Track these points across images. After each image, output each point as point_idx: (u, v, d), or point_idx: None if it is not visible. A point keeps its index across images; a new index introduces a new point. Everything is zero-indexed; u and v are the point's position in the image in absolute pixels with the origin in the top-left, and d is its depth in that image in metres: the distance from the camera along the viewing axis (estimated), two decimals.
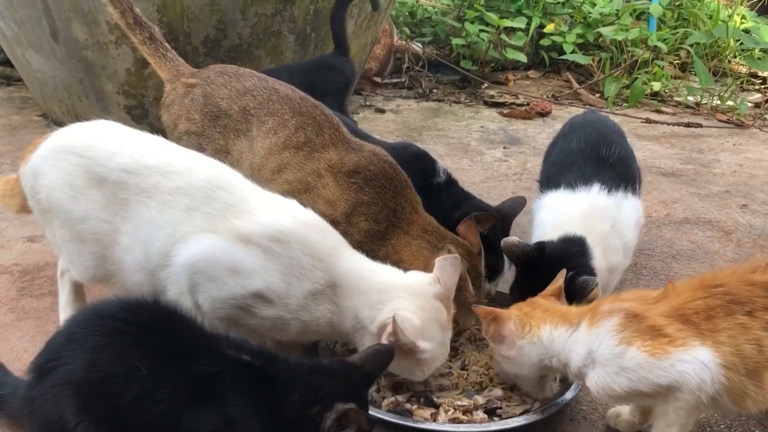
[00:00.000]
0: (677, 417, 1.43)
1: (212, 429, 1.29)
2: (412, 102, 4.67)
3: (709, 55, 5.28)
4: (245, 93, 2.03)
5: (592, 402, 1.78)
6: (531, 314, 1.60)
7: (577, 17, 5.38)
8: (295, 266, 1.58)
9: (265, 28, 3.42)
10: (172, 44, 3.27)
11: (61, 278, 1.96)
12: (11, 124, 3.88)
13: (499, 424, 1.62)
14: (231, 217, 1.61)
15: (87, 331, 1.37)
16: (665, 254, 2.60)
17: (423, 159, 2.24)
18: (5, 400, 1.55)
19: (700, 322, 1.43)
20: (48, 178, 1.73)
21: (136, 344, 1.35)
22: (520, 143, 3.89)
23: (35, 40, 3.45)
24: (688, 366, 1.38)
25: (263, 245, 1.58)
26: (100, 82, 3.45)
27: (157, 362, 1.33)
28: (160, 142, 1.79)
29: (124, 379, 1.31)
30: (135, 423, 1.31)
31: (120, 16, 2.23)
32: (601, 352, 1.46)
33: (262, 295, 1.58)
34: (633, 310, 1.48)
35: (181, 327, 1.40)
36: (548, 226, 2.06)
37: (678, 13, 5.67)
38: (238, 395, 1.31)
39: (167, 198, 1.63)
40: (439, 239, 1.87)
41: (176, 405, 1.30)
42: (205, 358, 1.34)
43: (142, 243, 1.64)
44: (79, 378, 1.32)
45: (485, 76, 5.07)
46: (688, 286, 1.52)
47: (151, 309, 1.41)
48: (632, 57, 4.92)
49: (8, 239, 2.54)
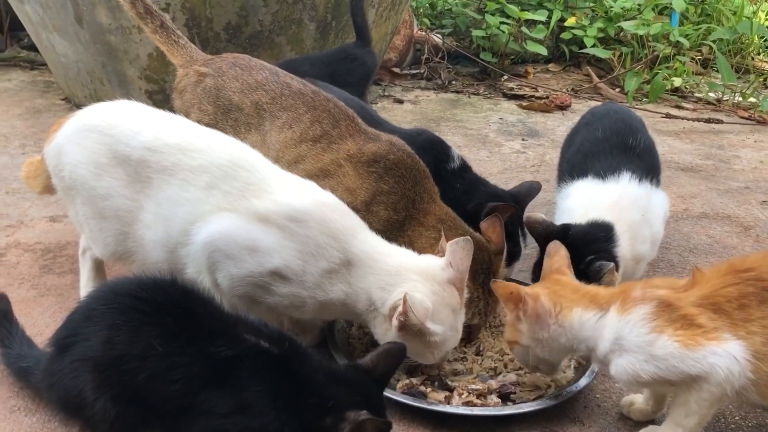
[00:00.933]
0: (698, 407, 1.42)
1: (225, 412, 1.30)
2: (430, 93, 4.67)
3: (732, 51, 5.23)
4: (257, 87, 2.05)
5: (606, 390, 1.78)
6: (560, 293, 1.56)
7: (599, 11, 5.34)
8: (311, 245, 1.60)
9: (287, 15, 3.44)
10: (194, 30, 3.32)
11: (83, 256, 1.99)
12: (35, 107, 3.93)
13: (512, 408, 1.63)
14: (250, 196, 1.63)
15: (105, 309, 1.39)
16: (682, 248, 2.59)
17: (437, 145, 2.24)
18: (29, 371, 1.59)
19: (732, 311, 1.42)
20: (72, 156, 1.77)
21: (153, 323, 1.36)
22: (539, 136, 3.88)
23: (60, 24, 3.49)
24: (719, 359, 1.38)
25: (281, 224, 1.60)
26: (123, 66, 3.49)
27: (173, 342, 1.34)
28: (181, 121, 1.82)
29: (139, 357, 1.33)
30: (150, 401, 1.33)
31: (130, 6, 2.26)
32: (631, 339, 1.45)
33: (279, 273, 1.60)
34: (666, 298, 1.46)
35: (199, 307, 1.41)
36: (577, 212, 2.05)
37: (701, 8, 5.61)
38: (255, 381, 1.32)
39: (188, 176, 1.65)
40: (451, 230, 1.87)
41: (191, 386, 1.32)
42: (222, 341, 1.35)
43: (162, 220, 1.67)
44: (97, 354, 1.35)
45: (505, 68, 5.06)
46: (717, 272, 1.49)
47: (169, 288, 1.43)
48: (653, 52, 4.88)
49: (31, 218, 2.58)
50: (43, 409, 1.64)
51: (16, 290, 2.11)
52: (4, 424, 1.59)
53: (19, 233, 2.47)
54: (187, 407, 1.32)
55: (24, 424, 1.60)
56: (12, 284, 2.15)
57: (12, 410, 1.63)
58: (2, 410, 1.63)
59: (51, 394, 1.45)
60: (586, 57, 5.28)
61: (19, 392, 1.69)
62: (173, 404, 1.33)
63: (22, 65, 4.72)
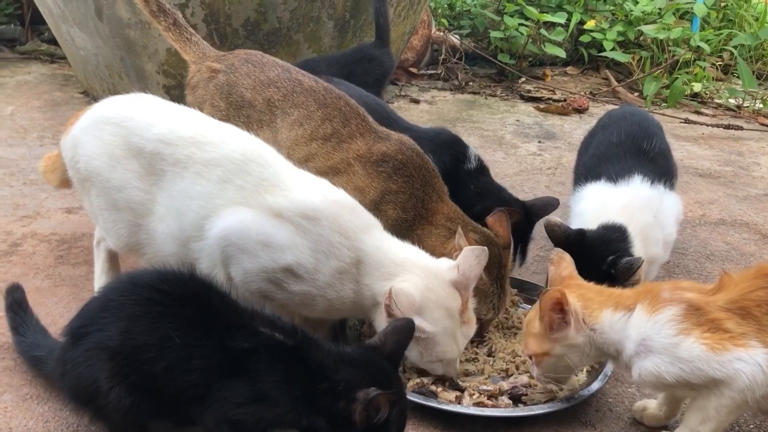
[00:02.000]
0: (717, 414, 1.40)
1: (241, 401, 1.31)
2: (447, 93, 4.65)
3: (754, 57, 5.17)
4: (269, 84, 2.05)
5: (618, 394, 1.76)
6: (587, 296, 1.54)
7: (619, 14, 5.31)
8: (324, 243, 1.60)
9: (305, 12, 3.44)
10: (212, 26, 3.33)
11: (97, 247, 2.00)
12: (53, 100, 3.96)
13: (524, 410, 1.62)
14: (263, 192, 1.63)
15: (123, 299, 1.40)
16: (699, 254, 2.57)
17: (456, 144, 2.23)
18: (43, 360, 1.60)
19: (761, 317, 1.40)
20: (87, 147, 1.78)
21: (172, 315, 1.37)
22: (556, 138, 3.85)
23: (80, 17, 3.51)
24: (744, 365, 1.36)
25: (294, 221, 1.60)
26: (141, 61, 3.51)
27: (191, 333, 1.35)
28: (195, 114, 1.82)
29: (158, 347, 1.34)
30: (165, 391, 1.34)
31: (144, 4, 2.27)
32: (657, 340, 1.43)
33: (291, 270, 1.60)
34: (695, 302, 1.44)
35: (216, 301, 1.42)
36: (589, 216, 2.05)
37: (723, 13, 5.56)
38: (271, 373, 1.32)
39: (201, 169, 1.66)
40: (461, 226, 1.86)
41: (207, 376, 1.33)
42: (239, 333, 1.35)
43: (175, 213, 1.68)
44: (114, 344, 1.35)
45: (522, 70, 5.04)
46: (745, 276, 1.47)
47: (188, 281, 1.43)
48: (673, 57, 4.84)
49: (47, 209, 2.60)
50: (55, 398, 1.65)
51: (31, 280, 2.12)
52: (17, 412, 1.60)
53: (36, 224, 2.49)
54: (203, 397, 1.33)
55: (36, 412, 1.61)
56: (27, 274, 2.16)
57: (24, 398, 1.64)
58: (15, 398, 1.64)
59: (63, 382, 1.46)
60: (604, 60, 5.25)
61: (32, 381, 1.70)
62: (189, 394, 1.34)
63: (42, 58, 4.76)
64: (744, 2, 5.59)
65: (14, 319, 1.70)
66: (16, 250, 2.31)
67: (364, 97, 2.35)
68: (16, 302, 1.72)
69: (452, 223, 1.87)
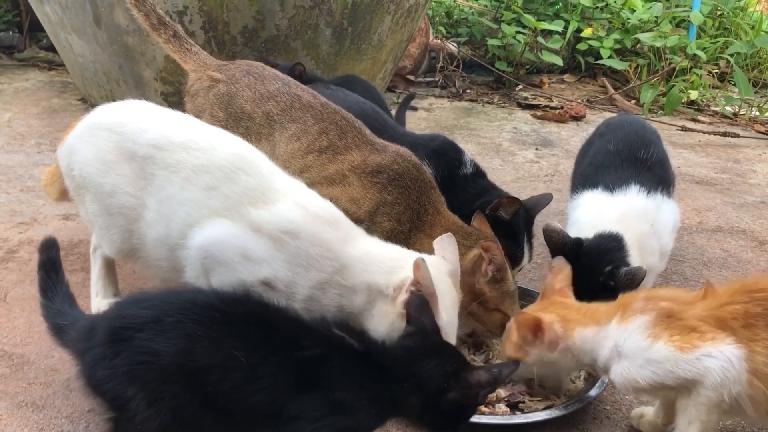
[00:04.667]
0: (698, 413, 1.41)
1: (318, 414, 1.29)
2: (445, 101, 4.67)
3: (750, 65, 5.20)
4: (269, 98, 2.05)
5: (616, 402, 1.76)
6: (568, 317, 1.57)
7: (616, 23, 5.33)
8: (302, 257, 1.60)
9: (303, 20, 3.45)
10: (210, 33, 3.34)
11: (93, 254, 2.00)
12: (51, 107, 3.97)
13: (521, 418, 1.61)
14: (247, 203, 1.63)
15: (183, 317, 1.35)
16: (696, 261, 2.57)
17: (451, 150, 2.24)
18: (65, 330, 1.52)
19: (738, 329, 1.40)
20: (81, 153, 1.79)
21: (235, 335, 1.35)
22: (553, 145, 3.86)
23: (78, 24, 3.52)
24: (714, 361, 1.36)
25: (273, 235, 1.61)
26: (139, 68, 3.52)
27: (256, 352, 1.33)
28: (188, 119, 1.83)
29: (222, 369, 1.31)
30: (231, 413, 1.32)
31: (144, 19, 2.28)
32: (627, 346, 1.45)
33: (269, 283, 1.60)
34: (668, 310, 1.46)
35: (277, 317, 1.41)
36: (585, 224, 2.05)
37: (719, 22, 5.59)
38: (346, 377, 1.32)
39: (190, 175, 1.66)
40: (465, 237, 1.86)
41: (279, 393, 1.31)
42: (306, 342, 1.34)
43: (164, 218, 1.68)
44: (165, 363, 1.31)
45: (520, 78, 5.05)
46: (728, 289, 1.48)
47: (246, 301, 1.42)
48: (670, 64, 4.86)
49: (45, 216, 2.60)
50: (50, 406, 1.65)
51: (28, 287, 2.12)
52: (12, 420, 1.60)
53: (32, 230, 2.48)
54: (276, 415, 1.30)
55: (31, 420, 1.60)
56: (24, 281, 2.16)
57: (19, 406, 1.64)
58: (10, 406, 1.64)
59: (85, 368, 1.39)
60: (601, 68, 5.27)
61: (27, 389, 1.70)
62: (259, 413, 1.31)
63: (40, 65, 4.77)
64: (740, 11, 5.62)
65: (45, 281, 1.59)
66: (12, 257, 2.31)
67: (361, 104, 2.35)
68: (50, 262, 1.61)
69: (456, 236, 1.86)
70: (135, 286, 2.13)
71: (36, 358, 1.83)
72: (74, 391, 1.70)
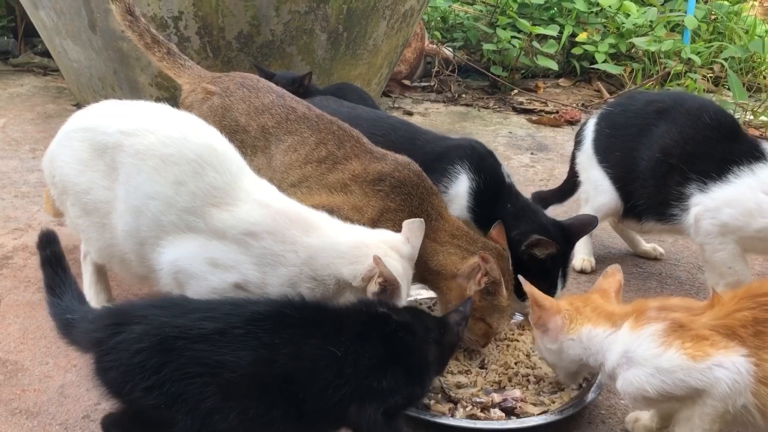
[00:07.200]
0: (701, 423, 1.40)
1: (393, 387, 1.37)
2: (440, 106, 4.67)
3: (744, 69, 5.22)
4: (264, 110, 2.05)
5: (611, 406, 1.76)
6: (580, 311, 1.56)
7: (610, 27, 5.35)
8: (268, 256, 1.61)
9: (298, 25, 3.45)
10: (206, 38, 3.35)
11: (84, 260, 2.02)
12: (46, 112, 3.96)
13: (516, 423, 1.61)
14: (210, 204, 1.63)
15: (254, 328, 1.35)
16: (691, 265, 2.57)
17: (490, 156, 2.22)
18: (73, 324, 1.47)
19: (747, 337, 1.40)
20: (60, 158, 1.81)
21: (311, 335, 1.37)
22: (548, 150, 3.87)
23: (73, 30, 3.52)
24: (724, 372, 1.36)
25: (237, 239, 1.62)
26: (134, 73, 3.52)
27: (335, 347, 1.36)
28: (163, 107, 1.82)
29: (310, 371, 1.33)
30: (317, 413, 1.35)
31: (138, 38, 2.30)
32: (639, 352, 1.43)
33: (240, 287, 1.61)
34: (679, 319, 1.45)
35: (333, 312, 1.48)
36: None
37: (713, 26, 5.62)
38: (407, 349, 1.43)
39: (159, 164, 1.65)
40: (469, 243, 1.86)
41: (359, 381, 1.35)
42: (365, 326, 1.43)
43: (133, 210, 1.68)
44: (236, 376, 1.30)
45: (515, 82, 5.06)
46: (734, 296, 1.47)
47: (303, 305, 1.46)
48: (665, 69, 4.88)
49: (39, 222, 2.60)
50: (44, 412, 1.64)
51: (22, 293, 2.11)
52: (6, 427, 1.59)
53: (27, 236, 2.48)
54: (355, 402, 1.35)
55: (25, 427, 1.60)
56: (18, 287, 2.15)
57: (13, 413, 1.63)
58: (4, 412, 1.63)
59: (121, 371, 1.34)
60: (596, 72, 5.29)
61: (21, 395, 1.70)
62: (342, 406, 1.35)
63: (35, 71, 4.77)
64: (734, 15, 5.65)
65: (52, 278, 1.52)
66: (7, 263, 2.30)
67: (385, 118, 2.35)
68: (55, 257, 1.53)
69: (458, 240, 1.87)
70: (130, 292, 2.13)
71: (30, 364, 1.82)
72: (69, 397, 1.70)
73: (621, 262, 2.52)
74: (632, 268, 2.53)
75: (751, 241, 2.08)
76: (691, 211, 2.14)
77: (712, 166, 2.11)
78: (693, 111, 2.23)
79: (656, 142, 2.23)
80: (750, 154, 2.10)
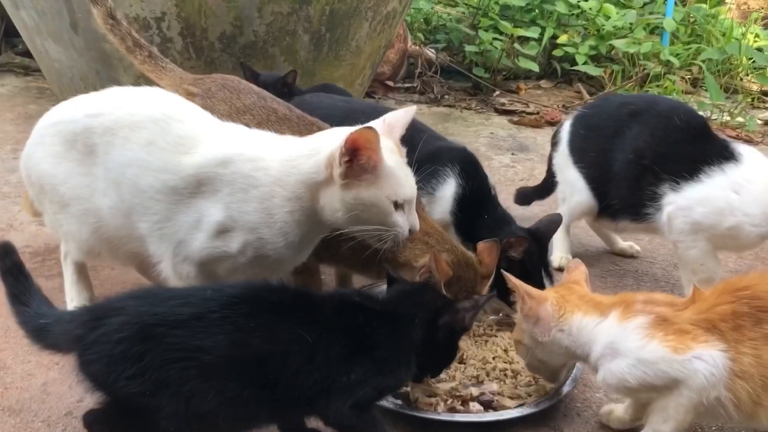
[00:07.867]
0: (675, 413, 1.44)
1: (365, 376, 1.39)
2: (423, 107, 4.71)
3: (721, 71, 5.30)
4: (245, 112, 2.07)
5: (586, 399, 1.80)
6: (567, 299, 1.58)
7: (591, 29, 5.42)
8: (239, 179, 1.62)
9: (281, 26, 3.47)
10: (188, 39, 3.35)
11: (65, 260, 2.03)
12: (27, 113, 3.95)
13: (494, 415, 1.64)
14: (181, 153, 1.65)
15: (230, 312, 1.37)
16: (667, 262, 2.62)
17: (478, 165, 2.28)
18: (48, 329, 1.46)
19: (726, 331, 1.43)
20: (35, 156, 1.84)
21: (285, 321, 1.40)
22: (529, 150, 3.92)
23: (55, 30, 3.51)
24: (703, 365, 1.40)
25: (210, 176, 1.63)
26: (117, 73, 3.51)
27: (308, 333, 1.38)
28: (122, 88, 1.86)
29: (282, 355, 1.36)
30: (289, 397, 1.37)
31: (120, 42, 2.31)
32: (624, 344, 1.47)
33: (225, 229, 1.62)
34: (664, 314, 1.49)
35: (310, 298, 1.50)
36: None
37: (691, 29, 5.70)
38: (384, 337, 1.43)
39: (129, 133, 1.68)
40: (438, 242, 1.87)
41: (331, 368, 1.37)
42: (341, 314, 1.44)
43: (114, 184, 1.71)
44: (211, 358, 1.31)
45: (497, 84, 5.11)
46: (714, 290, 1.51)
47: (281, 290, 1.48)
48: (644, 70, 4.95)
49: (20, 222, 2.60)
50: (26, 410, 1.65)
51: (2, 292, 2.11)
52: None
53: (8, 236, 2.47)
54: (327, 389, 1.37)
55: (8, 424, 1.60)
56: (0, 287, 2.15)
57: None
58: None
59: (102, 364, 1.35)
60: (577, 74, 5.35)
61: (3, 393, 1.70)
62: (314, 391, 1.37)
63: (16, 71, 4.74)
64: (712, 18, 5.74)
65: (15, 286, 1.51)
66: None
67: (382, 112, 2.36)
68: (15, 267, 1.52)
69: (429, 238, 1.88)
70: (112, 290, 2.14)
71: (12, 362, 1.83)
72: (51, 395, 1.71)
73: (598, 260, 2.60)
74: (609, 266, 2.58)
75: (722, 238, 2.13)
76: (664, 210, 2.19)
77: (684, 167, 2.16)
78: (664, 113, 2.28)
79: (629, 144, 2.28)
80: (720, 154, 2.15)
